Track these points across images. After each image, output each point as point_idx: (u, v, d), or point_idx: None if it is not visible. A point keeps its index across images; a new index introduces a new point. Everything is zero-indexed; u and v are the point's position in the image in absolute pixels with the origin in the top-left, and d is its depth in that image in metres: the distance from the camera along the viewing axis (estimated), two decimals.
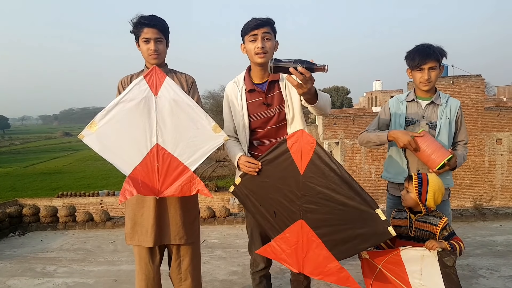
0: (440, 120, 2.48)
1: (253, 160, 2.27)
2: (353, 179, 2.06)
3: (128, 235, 2.45)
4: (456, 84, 17.81)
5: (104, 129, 2.20)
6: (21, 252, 4.53)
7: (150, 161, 2.25)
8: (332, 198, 2.08)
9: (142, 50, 2.43)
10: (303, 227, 2.20)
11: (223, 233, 4.87)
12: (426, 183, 2.19)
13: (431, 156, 2.30)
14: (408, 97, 2.59)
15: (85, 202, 19.08)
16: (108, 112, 2.21)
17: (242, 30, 2.33)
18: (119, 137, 2.22)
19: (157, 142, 2.25)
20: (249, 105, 2.42)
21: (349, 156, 18.36)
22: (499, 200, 18.36)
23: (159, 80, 2.24)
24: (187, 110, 2.23)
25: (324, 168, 2.08)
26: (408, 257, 2.11)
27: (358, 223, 2.05)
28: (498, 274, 3.45)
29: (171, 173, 2.26)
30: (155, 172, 2.25)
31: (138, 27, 2.37)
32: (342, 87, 62.09)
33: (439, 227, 2.16)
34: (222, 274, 3.69)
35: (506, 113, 18.24)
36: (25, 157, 56.21)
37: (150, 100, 2.23)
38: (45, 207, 5.63)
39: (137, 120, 2.23)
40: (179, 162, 2.26)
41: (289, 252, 2.28)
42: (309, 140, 2.10)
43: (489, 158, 18.37)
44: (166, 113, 2.23)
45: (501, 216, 5.09)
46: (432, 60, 2.41)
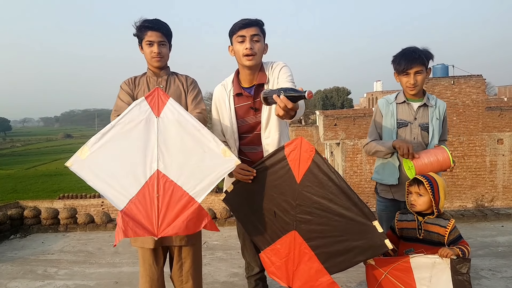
0: (432, 121, 2.50)
1: (247, 168, 2.18)
2: (351, 190, 1.98)
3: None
4: (456, 84, 17.78)
5: (97, 155, 1.94)
6: (22, 254, 4.53)
7: (149, 191, 1.96)
8: (328, 209, 2.01)
9: (145, 53, 2.42)
10: (295, 238, 2.13)
11: (224, 235, 4.86)
12: (436, 184, 2.16)
13: (440, 160, 2.29)
14: (398, 98, 2.57)
15: (86, 204, 19.07)
16: (103, 135, 1.95)
17: (230, 30, 2.27)
18: (113, 164, 1.96)
19: (158, 168, 1.97)
20: (237, 109, 2.36)
21: (350, 156, 18.33)
22: (501, 201, 18.31)
23: (162, 101, 2.01)
24: (193, 131, 1.98)
25: (322, 177, 1.99)
26: (418, 264, 2.07)
27: (354, 235, 1.99)
28: (500, 275, 3.44)
29: (174, 205, 1.96)
30: (154, 205, 1.95)
31: (142, 30, 2.37)
32: (342, 87, 62.06)
33: (448, 229, 2.15)
34: (223, 276, 3.68)
35: (507, 113, 18.20)
36: (27, 159, 56.28)
37: (151, 121, 1.99)
38: (46, 209, 5.63)
39: (135, 144, 1.98)
40: (183, 192, 1.96)
41: (279, 265, 2.21)
42: (308, 148, 2.02)
43: (491, 158, 18.32)
44: (169, 135, 2.00)
45: (502, 217, 5.08)
46: (417, 65, 2.41)
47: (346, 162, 18.49)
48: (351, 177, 18.53)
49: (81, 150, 1.94)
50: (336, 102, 59.55)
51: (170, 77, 2.53)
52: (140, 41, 2.42)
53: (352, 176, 18.52)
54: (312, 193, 2.03)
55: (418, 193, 2.20)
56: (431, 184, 2.15)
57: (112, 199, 1.94)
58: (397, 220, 2.32)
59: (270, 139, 2.33)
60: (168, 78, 2.51)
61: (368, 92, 50.35)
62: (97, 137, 1.95)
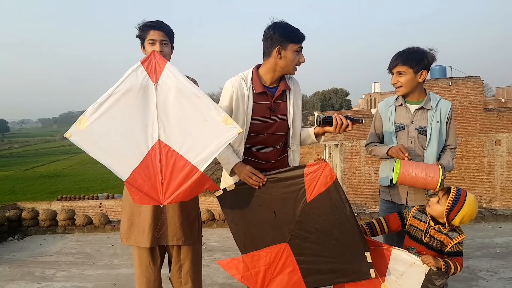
0: (431, 125, 2.43)
1: (259, 174, 2.17)
2: (356, 220, 2.10)
3: (124, 235, 2.43)
4: (454, 86, 17.83)
5: (96, 125, 1.92)
6: (20, 256, 4.53)
7: (151, 161, 1.97)
8: (328, 231, 2.12)
9: (147, 52, 2.36)
10: (285, 250, 2.19)
11: (223, 236, 4.86)
12: (461, 203, 2.08)
13: (427, 178, 2.23)
14: (397, 101, 2.54)
15: (84, 206, 19.02)
16: (101, 105, 1.92)
17: (288, 35, 2.20)
18: (114, 134, 1.94)
19: (159, 138, 1.97)
20: (254, 106, 2.31)
21: (349, 157, 18.35)
22: (499, 201, 18.35)
23: (159, 66, 1.98)
24: (193, 99, 1.95)
25: (334, 204, 2.09)
26: (398, 258, 2.13)
27: (344, 259, 2.12)
28: (498, 276, 3.45)
29: (177, 174, 1.96)
30: (158, 175, 1.97)
31: (145, 30, 2.37)
32: (341, 89, 62.08)
33: (454, 241, 2.12)
34: (222, 278, 3.68)
35: (505, 114, 18.25)
36: (25, 160, 56.17)
37: (149, 89, 1.97)
38: (44, 211, 5.63)
39: (134, 113, 1.96)
40: (185, 161, 1.95)
41: (257, 270, 2.23)
42: (328, 175, 2.08)
43: (489, 159, 18.36)
44: (169, 104, 1.98)
45: (500, 218, 5.09)
46: (399, 65, 2.38)
47: (344, 163, 18.50)
48: (350, 178, 18.55)
49: (80, 121, 1.91)
50: (334, 103, 59.56)
51: None
52: (142, 41, 2.41)
53: (351, 177, 18.54)
54: (317, 215, 2.12)
55: (440, 199, 2.14)
56: (456, 200, 2.08)
57: (116, 169, 1.94)
58: (411, 216, 2.28)
59: (295, 146, 2.44)
60: None
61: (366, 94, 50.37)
62: (95, 107, 1.92)
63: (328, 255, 2.14)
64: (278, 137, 2.40)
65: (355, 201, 18.40)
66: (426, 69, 2.41)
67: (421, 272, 2.04)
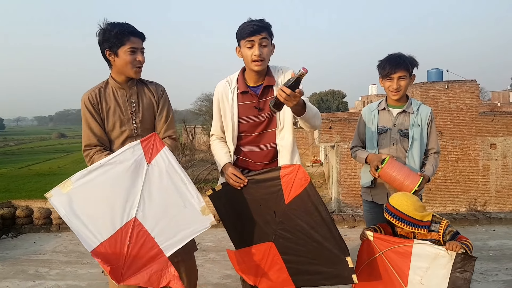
0: (412, 128, 2.52)
1: (240, 175, 2.22)
2: (334, 225, 2.11)
3: None
4: (450, 89, 17.90)
5: (78, 191, 1.92)
6: (14, 254, 4.51)
7: (121, 238, 1.96)
8: (308, 234, 2.13)
9: (123, 61, 2.19)
10: (271, 249, 2.24)
11: (218, 236, 4.86)
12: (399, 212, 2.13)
13: (404, 183, 2.35)
14: (380, 105, 2.64)
15: None
16: (90, 172, 1.94)
17: (238, 33, 2.25)
18: (92, 204, 1.94)
19: (136, 216, 1.96)
20: (240, 106, 2.35)
21: (345, 159, 18.39)
22: (493, 205, 18.43)
23: (157, 149, 2.00)
24: (179, 184, 1.98)
25: (310, 206, 2.10)
26: (420, 252, 2.03)
27: (326, 262, 2.13)
28: (491, 279, 3.47)
29: (143, 255, 1.96)
30: (123, 252, 1.95)
31: (123, 36, 2.15)
32: (338, 91, 62.24)
33: (440, 232, 2.15)
34: (216, 278, 3.68)
35: (500, 118, 18.34)
36: (20, 158, 55.83)
37: (141, 166, 1.98)
38: (38, 209, 5.61)
39: (119, 186, 1.95)
40: (154, 243, 1.96)
41: (250, 266, 2.31)
42: (302, 177, 2.11)
43: (484, 163, 18.44)
44: (155, 184, 1.98)
45: (494, 221, 5.12)
46: (401, 70, 2.46)
47: (340, 165, 18.54)
48: (345, 180, 18.59)
49: (64, 183, 1.93)
50: (331, 105, 59.70)
51: (139, 88, 2.35)
52: (115, 48, 2.17)
53: (347, 179, 18.58)
54: (296, 216, 2.15)
55: (396, 227, 2.21)
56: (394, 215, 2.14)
57: (84, 238, 1.94)
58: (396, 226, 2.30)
59: (284, 141, 2.35)
60: (137, 89, 2.34)
61: (363, 96, 50.60)
62: (83, 173, 1.94)
63: (311, 256, 2.17)
64: (266, 134, 2.38)
65: (350, 202, 18.44)
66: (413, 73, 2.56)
67: (446, 264, 1.95)
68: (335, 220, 5.34)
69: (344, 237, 4.93)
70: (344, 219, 5.32)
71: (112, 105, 2.27)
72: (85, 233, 1.93)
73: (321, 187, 25.19)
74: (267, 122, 2.35)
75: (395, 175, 2.36)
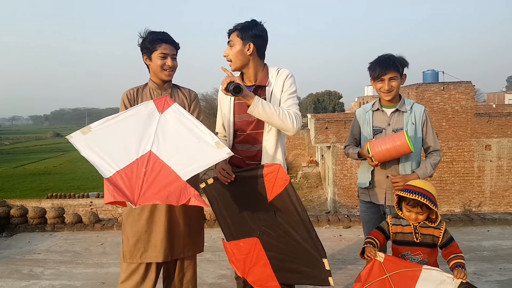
0: (406, 126, 2.55)
1: (228, 170, 2.31)
2: (311, 225, 2.16)
3: (128, 252, 2.37)
4: (446, 90, 18.00)
5: (97, 133, 2.07)
6: (8, 254, 4.48)
7: (137, 166, 2.00)
8: (288, 233, 2.20)
9: (155, 65, 2.42)
10: (256, 244, 2.31)
11: (213, 236, 4.85)
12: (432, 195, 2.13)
13: (395, 146, 2.38)
14: (374, 106, 2.67)
15: (74, 204, 18.90)
16: (108, 120, 2.12)
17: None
18: (109, 141, 2.06)
19: (151, 150, 2.04)
20: (235, 104, 2.45)
21: (341, 160, 18.44)
22: (488, 206, 18.55)
23: (168, 104, 2.20)
24: (190, 126, 2.11)
25: (290, 206, 2.16)
26: (427, 277, 2.03)
27: (305, 262, 2.19)
28: (484, 279, 3.49)
29: (160, 181, 1.97)
30: (139, 179, 1.96)
31: (155, 42, 2.38)
32: (334, 91, 62.40)
33: (441, 231, 2.19)
34: (211, 278, 3.68)
35: (495, 120, 18.45)
36: (15, 158, 55.54)
37: (154, 115, 2.15)
38: (33, 208, 5.57)
39: (134, 128, 2.10)
40: (171, 171, 1.99)
41: (239, 258, 2.39)
42: (283, 177, 2.18)
43: (479, 164, 18.55)
44: (168, 127, 2.13)
45: (488, 222, 5.15)
46: (391, 71, 2.49)
47: (336, 165, 18.59)
48: (341, 180, 18.64)
49: (84, 129, 2.09)
50: (327, 105, 59.83)
51: (173, 90, 2.55)
52: (149, 53, 2.41)
53: (342, 179, 18.63)
54: (278, 215, 2.22)
55: (419, 212, 2.18)
56: (431, 200, 2.11)
57: (100, 168, 1.98)
58: (391, 224, 2.31)
59: (269, 142, 2.40)
60: (171, 91, 2.54)
61: (359, 97, 50.70)
62: (102, 120, 2.12)
63: (291, 255, 2.23)
64: (257, 134, 2.42)
65: (346, 203, 18.49)
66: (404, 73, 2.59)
67: None
68: (330, 220, 5.36)
69: (339, 237, 4.96)
70: (340, 219, 5.34)
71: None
72: (101, 163, 1.99)
73: (317, 188, 25.24)
74: (256, 122, 2.39)
75: (385, 147, 2.40)
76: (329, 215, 5.73)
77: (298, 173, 27.10)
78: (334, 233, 4.97)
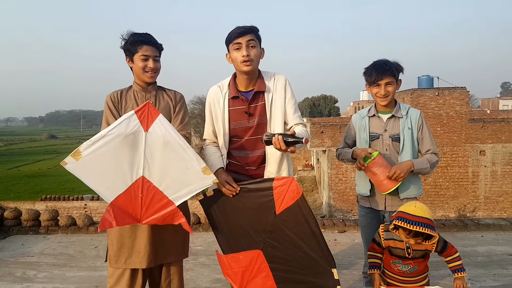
0: (403, 132, 2.55)
1: (232, 183, 2.26)
2: (322, 237, 2.17)
3: (113, 257, 2.35)
4: (441, 96, 18.10)
5: (89, 158, 2.09)
6: (1, 256, 4.44)
7: (134, 191, 2.17)
8: (297, 244, 2.19)
9: (137, 67, 2.38)
10: (259, 256, 2.29)
11: (208, 240, 4.84)
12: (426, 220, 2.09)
13: (383, 182, 2.44)
14: (370, 112, 2.67)
15: (69, 206, 18.79)
16: (94, 143, 2.09)
17: (226, 39, 2.31)
18: (103, 168, 2.12)
19: (143, 175, 2.16)
20: (230, 111, 2.38)
21: (336, 164, 18.46)
22: (483, 211, 18.62)
23: (152, 117, 2.13)
24: (178, 150, 2.11)
25: (300, 218, 2.16)
26: None
27: (313, 272, 2.19)
28: (479, 285, 3.49)
29: (154, 204, 2.18)
30: (138, 202, 2.17)
31: (136, 44, 2.34)
32: (330, 96, 62.62)
33: (434, 244, 2.19)
34: (206, 282, 3.66)
35: (490, 125, 18.57)
36: (9, 159, 55.18)
37: (139, 135, 2.12)
38: (27, 211, 5.54)
39: (123, 154, 2.12)
40: (163, 196, 2.17)
41: (236, 271, 2.36)
42: (295, 190, 2.16)
43: (473, 169, 18.64)
44: (156, 149, 2.13)
45: (482, 227, 5.17)
46: (388, 76, 2.49)
47: (331, 169, 18.61)
48: (337, 184, 18.66)
49: (74, 153, 2.09)
50: (323, 110, 60.02)
51: (158, 92, 2.50)
52: (131, 55, 2.38)
53: (338, 183, 18.65)
54: (286, 227, 2.20)
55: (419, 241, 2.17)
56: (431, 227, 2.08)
57: (103, 193, 2.17)
58: (383, 239, 2.32)
59: (273, 149, 2.30)
60: (156, 93, 2.48)
61: (354, 101, 50.91)
62: (88, 143, 2.09)
63: (298, 266, 2.22)
64: (256, 140, 2.38)
65: (341, 207, 18.50)
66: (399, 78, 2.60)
67: None
68: (325, 224, 5.36)
69: (334, 241, 4.96)
70: (335, 224, 5.34)
71: (131, 104, 2.43)
72: (103, 189, 2.17)
73: (312, 192, 25.25)
74: (255, 128, 2.36)
75: (376, 172, 2.44)
76: (324, 219, 5.73)
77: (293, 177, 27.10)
78: (329, 237, 4.96)
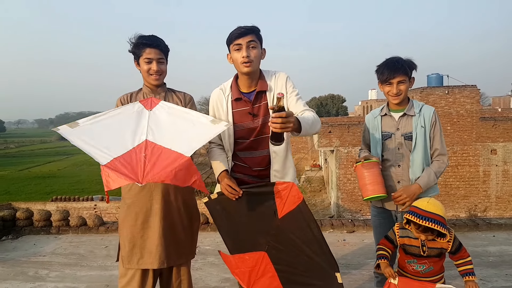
0: (416, 130, 2.50)
1: (235, 186, 2.24)
2: (325, 241, 2.18)
3: (126, 258, 2.37)
4: (451, 94, 17.92)
5: (86, 127, 2.02)
6: (14, 256, 4.51)
7: (135, 153, 1.93)
8: (300, 248, 2.20)
9: (143, 70, 2.40)
10: (264, 258, 2.30)
11: (216, 240, 4.86)
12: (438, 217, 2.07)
13: (366, 186, 2.40)
14: (382, 111, 2.64)
15: (79, 207, 18.93)
16: (95, 117, 2.09)
17: (227, 39, 2.29)
18: (101, 134, 2.00)
19: (147, 139, 2.02)
20: (234, 113, 2.37)
21: (344, 164, 18.36)
22: (494, 211, 18.40)
23: (154, 103, 2.24)
24: (183, 115, 2.15)
25: (302, 223, 2.18)
26: None
27: (317, 275, 2.20)
28: (490, 285, 3.46)
29: (163, 160, 1.90)
30: (140, 162, 1.88)
31: (139, 47, 2.35)
32: (337, 95, 62.31)
33: (450, 241, 2.18)
34: (215, 281, 3.68)
35: (501, 124, 18.33)
36: (20, 161, 55.84)
37: (142, 112, 2.17)
38: (38, 211, 5.61)
39: (126, 123, 2.09)
40: (171, 151, 1.94)
41: (244, 271, 2.38)
42: (296, 195, 2.18)
43: (484, 169, 18.42)
44: (160, 120, 2.15)
45: (494, 227, 5.11)
46: (400, 74, 2.44)
47: (340, 169, 18.52)
48: (345, 184, 18.56)
49: (71, 123, 2.03)
50: (331, 109, 59.76)
51: (168, 94, 2.51)
52: (137, 58, 2.39)
53: (346, 183, 18.55)
54: (289, 231, 2.22)
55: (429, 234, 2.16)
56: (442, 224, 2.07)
57: (95, 156, 1.86)
58: (398, 236, 2.30)
59: (277, 147, 2.33)
60: (165, 95, 2.49)
61: (363, 100, 50.58)
62: (89, 118, 2.08)
63: (301, 268, 2.23)
64: (262, 140, 2.37)
65: (350, 207, 18.41)
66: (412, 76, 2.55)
67: None
68: (334, 224, 5.35)
69: (343, 241, 4.94)
70: (343, 224, 5.32)
71: None
72: (96, 152, 1.88)
73: (320, 192, 25.18)
74: (260, 128, 2.34)
75: (364, 175, 2.41)
76: (333, 220, 5.71)
77: (301, 177, 27.06)
78: (337, 237, 4.96)
